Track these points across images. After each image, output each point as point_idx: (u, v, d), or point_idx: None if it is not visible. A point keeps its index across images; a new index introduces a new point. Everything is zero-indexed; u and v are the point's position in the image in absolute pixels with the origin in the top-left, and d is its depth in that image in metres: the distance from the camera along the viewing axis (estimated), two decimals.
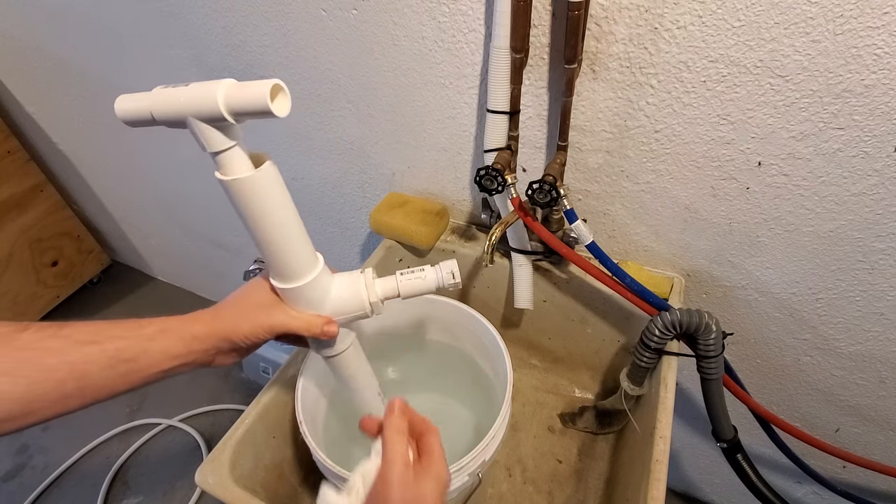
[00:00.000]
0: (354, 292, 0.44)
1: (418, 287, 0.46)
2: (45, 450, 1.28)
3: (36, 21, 0.97)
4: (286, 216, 0.39)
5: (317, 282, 0.42)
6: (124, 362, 0.36)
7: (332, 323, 0.44)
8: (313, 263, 0.42)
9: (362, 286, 0.45)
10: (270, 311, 0.42)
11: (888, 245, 0.56)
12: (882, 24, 0.43)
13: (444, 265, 0.47)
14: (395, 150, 0.77)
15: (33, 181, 1.38)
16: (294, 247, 0.41)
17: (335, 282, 0.45)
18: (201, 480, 0.51)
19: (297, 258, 0.41)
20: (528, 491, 0.69)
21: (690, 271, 0.69)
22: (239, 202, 0.37)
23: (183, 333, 0.40)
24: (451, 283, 0.46)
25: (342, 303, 0.44)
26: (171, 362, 0.39)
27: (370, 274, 0.46)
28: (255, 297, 0.43)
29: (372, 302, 0.45)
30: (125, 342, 0.37)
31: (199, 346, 0.40)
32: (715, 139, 0.55)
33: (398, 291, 0.46)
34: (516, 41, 0.53)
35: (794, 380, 0.75)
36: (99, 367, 0.35)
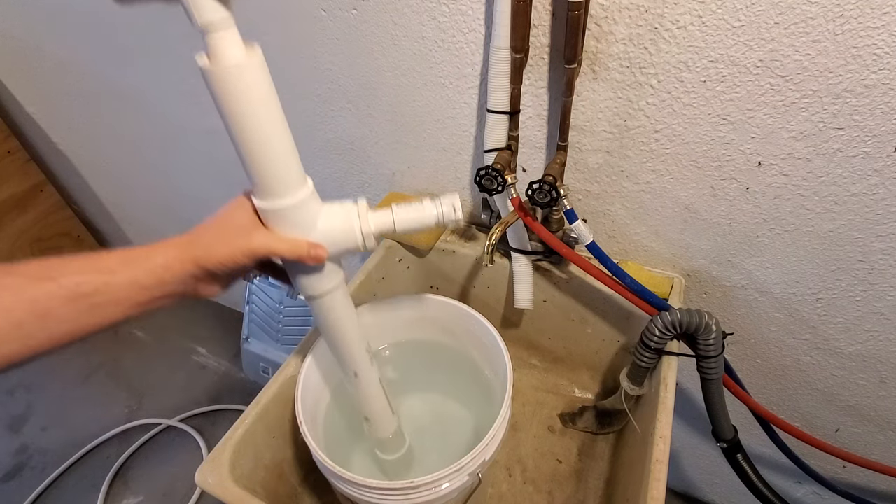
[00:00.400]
0: (346, 221, 0.41)
1: (415, 220, 0.42)
2: (45, 450, 1.28)
3: (36, 21, 0.97)
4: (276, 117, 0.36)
5: (305, 204, 0.39)
6: (85, 297, 0.34)
7: (318, 246, 0.40)
8: (301, 182, 0.39)
9: (355, 215, 0.41)
10: (251, 234, 0.39)
11: (888, 245, 0.56)
12: (882, 24, 0.43)
13: (445, 197, 0.43)
14: (395, 150, 0.77)
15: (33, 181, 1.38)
16: (282, 157, 0.37)
17: (325, 209, 0.41)
18: (201, 480, 0.51)
19: (286, 172, 0.37)
20: (528, 491, 0.69)
21: (690, 271, 0.69)
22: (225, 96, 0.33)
23: (149, 263, 0.37)
24: (451, 217, 0.42)
25: (332, 231, 0.41)
26: (142, 294, 0.36)
27: (364, 204, 0.42)
28: (235, 218, 0.39)
29: (364, 233, 0.41)
30: (83, 276, 0.34)
31: (170, 275, 0.37)
32: (715, 139, 0.55)
33: (393, 224, 0.42)
34: (516, 41, 0.53)
35: (794, 380, 0.75)
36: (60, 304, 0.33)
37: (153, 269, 0.37)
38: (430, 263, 0.79)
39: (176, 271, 0.37)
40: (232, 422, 0.55)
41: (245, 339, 1.30)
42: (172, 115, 0.99)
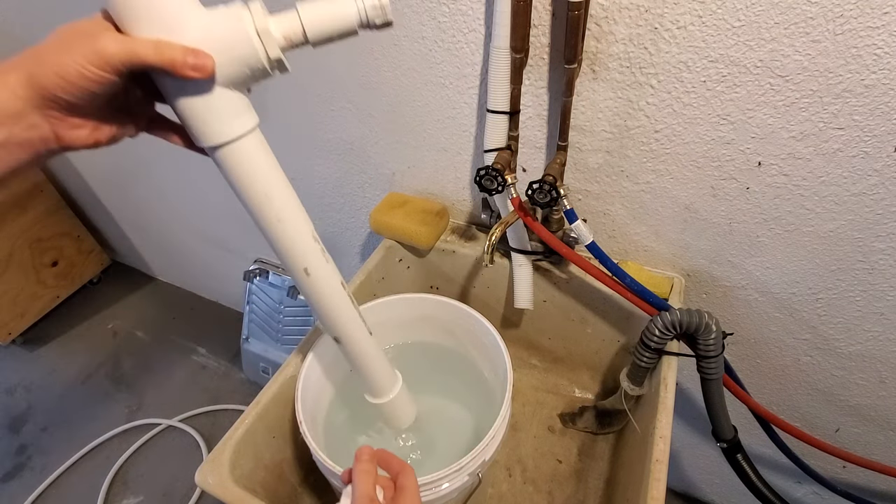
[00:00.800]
0: (232, 19, 0.30)
1: (329, 15, 0.32)
2: (45, 450, 1.28)
3: (36, 21, 0.97)
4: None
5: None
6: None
7: (199, 52, 0.29)
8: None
9: (244, 11, 0.30)
10: (101, 35, 0.28)
11: (888, 245, 0.56)
12: (882, 24, 0.43)
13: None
14: (395, 150, 0.77)
15: (33, 181, 1.38)
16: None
17: (202, 9, 0.30)
18: (201, 480, 0.51)
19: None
20: (528, 491, 0.69)
21: (690, 271, 0.69)
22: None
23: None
24: (374, 5, 0.32)
25: (214, 33, 0.30)
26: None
27: (258, 2, 0.31)
28: (81, 25, 0.30)
29: (260, 30, 0.30)
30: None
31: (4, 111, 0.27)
32: (715, 139, 0.55)
33: (300, 24, 0.32)
34: (516, 41, 0.53)
35: (794, 380, 0.75)
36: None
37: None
38: (430, 263, 0.79)
39: (2, 99, 0.27)
40: (232, 422, 0.55)
41: (245, 339, 1.30)
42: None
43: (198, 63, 0.29)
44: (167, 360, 1.48)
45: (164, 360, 1.48)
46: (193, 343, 1.52)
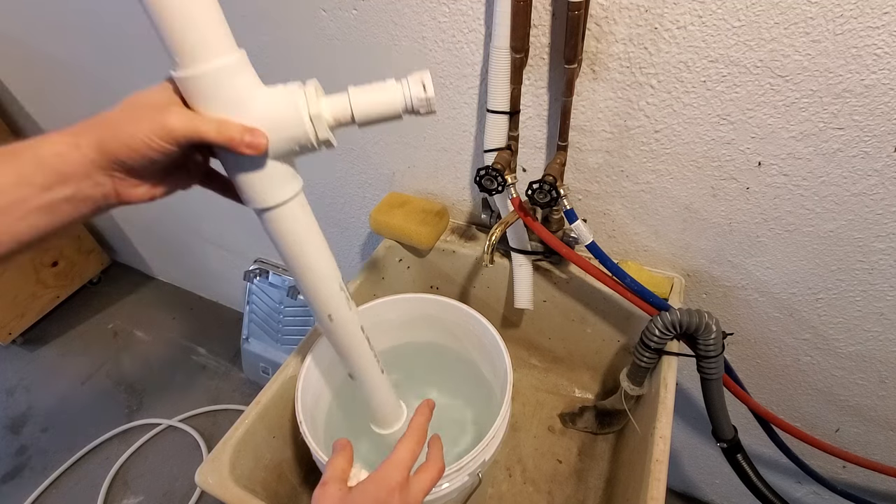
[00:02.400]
0: (288, 103, 0.33)
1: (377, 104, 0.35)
2: (45, 450, 1.28)
3: (36, 21, 0.97)
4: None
5: (233, 73, 0.31)
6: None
7: (255, 131, 0.32)
8: (230, 46, 0.31)
9: (300, 95, 0.33)
10: (168, 110, 0.30)
11: (888, 245, 0.56)
12: (882, 24, 0.43)
13: (413, 75, 0.35)
14: (395, 150, 0.77)
15: None
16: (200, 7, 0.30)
17: (263, 89, 0.33)
18: (201, 480, 0.51)
19: (205, 26, 0.30)
20: (528, 491, 0.69)
21: (690, 271, 0.69)
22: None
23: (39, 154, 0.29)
24: (420, 97, 0.34)
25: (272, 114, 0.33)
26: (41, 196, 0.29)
27: (313, 84, 0.34)
28: (149, 96, 0.31)
29: (313, 115, 0.33)
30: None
31: (69, 167, 0.29)
32: (715, 139, 0.55)
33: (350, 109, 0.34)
34: (516, 41, 0.53)
35: (794, 380, 0.75)
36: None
37: (44, 160, 0.29)
38: (430, 263, 0.79)
39: (74, 161, 0.29)
40: (232, 422, 0.55)
41: (245, 339, 1.30)
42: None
43: (253, 142, 0.32)
44: (167, 360, 1.48)
45: (164, 360, 1.48)
46: (193, 343, 1.52)
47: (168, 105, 0.31)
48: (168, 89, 0.32)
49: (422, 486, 0.39)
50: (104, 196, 0.32)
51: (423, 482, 0.39)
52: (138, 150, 0.30)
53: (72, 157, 0.29)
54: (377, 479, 0.37)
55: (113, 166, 0.31)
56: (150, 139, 0.30)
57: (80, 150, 0.30)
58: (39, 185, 0.29)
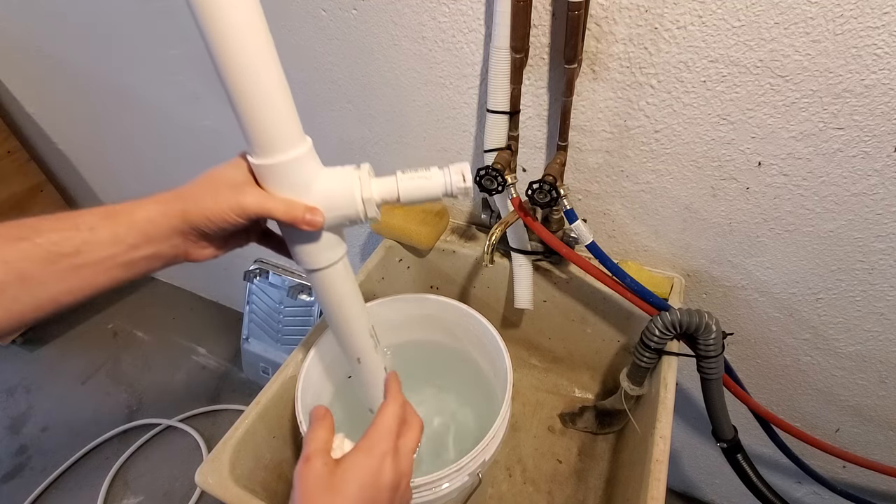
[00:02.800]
0: (345, 186, 0.38)
1: (421, 190, 0.40)
2: (45, 450, 1.28)
3: (36, 21, 0.97)
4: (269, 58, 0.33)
5: (301, 162, 0.37)
6: (65, 257, 0.32)
7: (315, 210, 0.37)
8: (299, 139, 0.37)
9: (355, 180, 0.38)
10: (243, 190, 0.36)
11: (888, 245, 0.56)
12: (882, 24, 0.43)
13: (455, 166, 0.40)
14: (395, 150, 0.77)
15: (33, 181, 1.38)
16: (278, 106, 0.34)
17: (324, 172, 0.39)
18: (201, 480, 0.51)
19: (282, 125, 0.35)
20: (528, 491, 0.69)
21: (690, 271, 0.69)
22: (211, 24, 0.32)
23: (132, 218, 0.34)
24: (460, 187, 0.40)
25: (330, 195, 0.38)
26: (129, 253, 0.34)
27: (366, 169, 0.40)
28: (228, 175, 0.37)
29: (365, 199, 0.38)
30: (59, 234, 0.32)
31: (155, 231, 0.35)
32: (715, 139, 0.55)
33: (397, 193, 0.40)
34: (516, 41, 0.53)
35: (794, 380, 0.75)
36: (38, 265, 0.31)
37: (138, 224, 0.34)
38: (430, 263, 0.79)
39: (161, 226, 0.35)
40: (232, 422, 0.55)
41: (245, 339, 1.30)
42: (173, 114, 0.99)
43: (313, 220, 0.37)
44: (167, 360, 1.48)
45: (164, 360, 1.48)
46: (193, 343, 1.52)
47: (243, 184, 0.36)
48: (243, 167, 0.37)
49: (409, 448, 0.40)
50: (176, 255, 0.37)
51: (409, 443, 0.40)
52: (216, 221, 0.35)
53: (160, 223, 0.35)
54: (367, 449, 0.37)
55: (191, 232, 0.36)
56: (227, 214, 0.35)
57: (167, 217, 0.35)
58: (129, 244, 0.34)
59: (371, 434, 0.38)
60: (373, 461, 0.36)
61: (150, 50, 0.87)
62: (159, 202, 0.35)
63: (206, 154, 1.04)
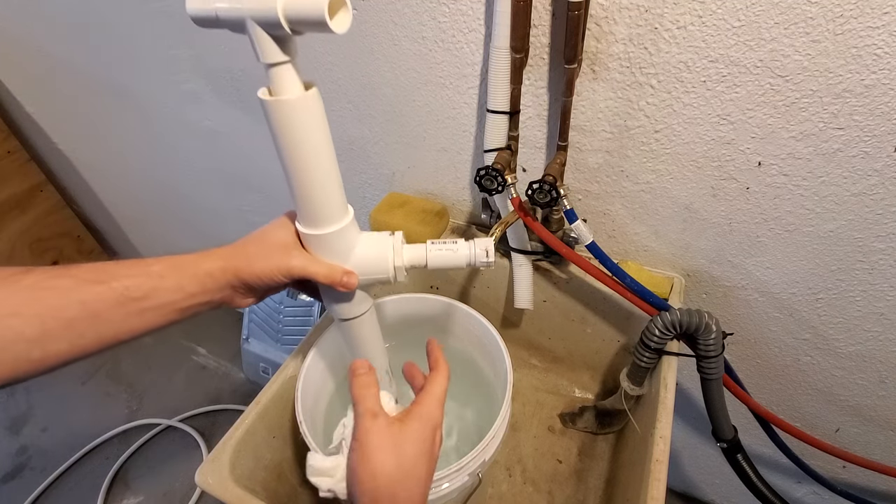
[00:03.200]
0: (380, 253, 0.43)
1: (447, 260, 0.44)
2: (45, 450, 1.28)
3: (36, 21, 0.97)
4: (326, 152, 0.37)
5: (345, 232, 0.41)
6: (135, 301, 0.36)
7: (351, 274, 0.42)
8: (344, 212, 0.41)
9: (389, 248, 0.43)
10: (290, 253, 0.41)
11: (888, 245, 0.56)
12: (882, 24, 0.43)
13: (479, 241, 0.44)
14: (395, 150, 0.77)
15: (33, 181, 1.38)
16: (329, 189, 0.39)
17: (362, 238, 0.43)
18: (201, 480, 0.51)
19: (331, 202, 0.39)
20: (528, 491, 0.69)
21: (690, 271, 0.69)
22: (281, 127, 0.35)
23: (196, 270, 0.39)
24: (483, 261, 0.44)
25: (366, 261, 0.43)
26: (187, 300, 0.38)
27: (399, 237, 0.44)
28: (277, 237, 0.42)
29: (396, 266, 0.43)
30: (133, 280, 0.36)
31: (212, 283, 0.39)
32: (715, 139, 0.55)
33: (426, 261, 0.44)
34: (516, 41, 0.53)
35: (794, 380, 0.75)
36: (109, 306, 0.35)
37: (199, 276, 0.38)
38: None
39: (218, 280, 0.39)
40: (232, 422, 0.55)
41: (245, 339, 1.30)
42: (173, 114, 0.99)
43: (349, 282, 0.42)
44: (167, 360, 1.48)
45: (164, 360, 1.48)
46: (193, 343, 1.52)
47: (290, 247, 0.41)
48: (290, 229, 0.42)
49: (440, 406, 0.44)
50: (222, 301, 0.41)
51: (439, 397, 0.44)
52: (265, 280, 0.40)
53: (218, 277, 0.39)
54: (422, 418, 0.41)
55: (240, 286, 0.40)
56: (276, 275, 0.40)
57: (224, 273, 0.39)
58: (188, 293, 0.38)
59: (427, 402, 0.42)
60: (427, 431, 0.40)
61: (150, 50, 0.87)
62: (220, 258, 0.40)
63: (205, 153, 1.04)
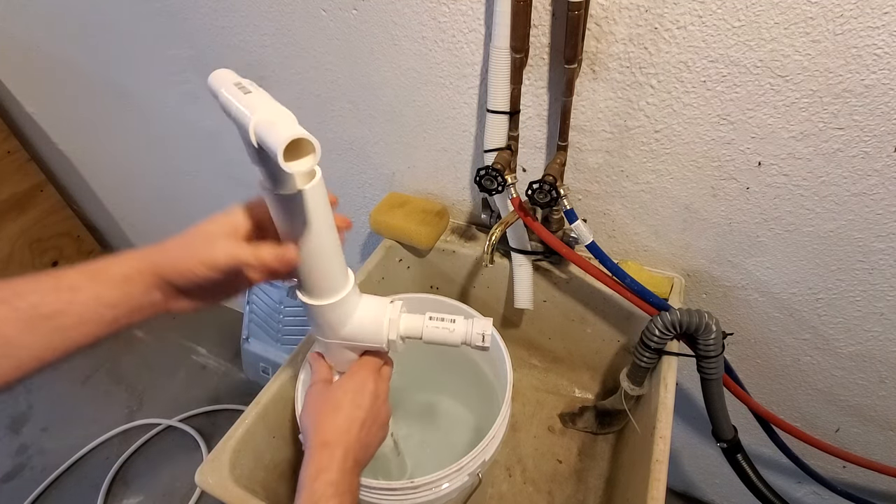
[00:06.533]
0: (376, 322, 0.43)
1: (443, 337, 0.45)
2: (45, 450, 1.28)
3: (36, 21, 0.97)
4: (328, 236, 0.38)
5: (346, 299, 0.42)
6: (46, 319, 0.31)
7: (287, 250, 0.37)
8: (346, 282, 0.42)
9: (386, 319, 0.43)
10: (215, 243, 0.36)
11: (888, 245, 0.56)
12: (882, 24, 0.43)
13: (478, 323, 0.45)
14: (395, 150, 0.77)
15: (33, 181, 1.38)
16: (330, 267, 0.39)
17: (361, 304, 0.44)
18: (201, 480, 0.50)
19: (334, 278, 0.40)
20: (528, 491, 0.69)
21: (690, 271, 0.69)
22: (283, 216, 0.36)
23: (110, 274, 0.34)
24: (478, 344, 0.44)
25: (361, 329, 0.43)
26: (111, 311, 0.34)
27: (398, 307, 0.44)
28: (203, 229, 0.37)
29: (390, 340, 0.43)
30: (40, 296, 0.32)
31: (132, 288, 0.35)
32: (715, 139, 0.55)
33: (421, 335, 0.45)
34: (516, 41, 0.53)
35: (794, 380, 0.75)
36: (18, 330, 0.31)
37: (115, 281, 0.34)
38: (430, 263, 0.79)
39: (137, 283, 0.35)
40: (232, 422, 0.55)
41: (245, 339, 1.30)
42: (173, 114, 0.99)
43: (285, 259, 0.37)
44: (167, 360, 1.48)
45: (164, 360, 1.48)
46: (193, 343, 1.52)
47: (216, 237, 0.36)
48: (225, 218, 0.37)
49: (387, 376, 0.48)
50: (156, 309, 0.37)
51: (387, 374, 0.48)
52: (186, 276, 0.35)
53: (135, 279, 0.35)
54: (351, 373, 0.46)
55: (166, 287, 0.36)
56: (197, 268, 0.35)
57: (141, 274, 0.35)
58: (111, 304, 0.34)
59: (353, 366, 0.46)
60: (356, 378, 0.45)
61: (150, 50, 0.87)
62: (135, 258, 0.36)
63: (205, 154, 1.04)
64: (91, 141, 1.23)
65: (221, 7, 0.72)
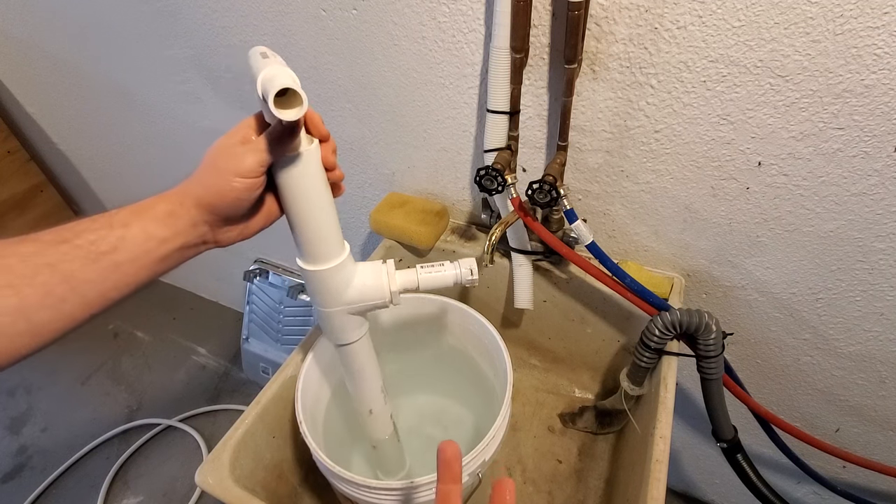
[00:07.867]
0: (377, 281, 0.46)
1: (436, 281, 0.48)
2: (45, 450, 1.28)
3: (36, 21, 0.97)
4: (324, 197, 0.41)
5: (342, 266, 0.44)
6: (105, 254, 0.33)
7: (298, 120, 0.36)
8: (340, 249, 0.44)
9: (384, 275, 0.46)
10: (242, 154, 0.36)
11: (888, 245, 0.56)
12: (882, 24, 0.43)
13: (464, 262, 0.49)
14: (395, 150, 0.77)
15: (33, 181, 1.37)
16: (328, 232, 0.42)
17: (359, 269, 0.46)
18: (201, 480, 0.51)
19: (330, 243, 0.42)
20: (528, 491, 0.69)
21: (690, 271, 0.69)
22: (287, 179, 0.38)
23: (158, 212, 0.36)
24: (468, 279, 0.48)
25: (365, 290, 0.46)
26: (162, 246, 0.35)
27: (391, 265, 0.47)
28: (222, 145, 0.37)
29: (392, 291, 0.46)
30: (96, 234, 0.33)
31: (179, 223, 0.36)
32: (715, 139, 0.55)
33: (417, 284, 0.47)
34: (516, 41, 0.53)
35: (794, 380, 0.75)
36: (81, 264, 0.32)
37: (161, 217, 0.35)
38: None
39: (182, 217, 0.36)
40: (232, 422, 0.55)
41: (245, 339, 1.30)
42: (173, 114, 0.99)
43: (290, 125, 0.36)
44: (167, 360, 1.48)
45: (164, 360, 1.48)
46: (193, 343, 1.52)
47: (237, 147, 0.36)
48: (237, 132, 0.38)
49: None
50: (205, 243, 0.38)
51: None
52: (226, 195, 0.36)
53: (180, 214, 0.36)
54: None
55: (211, 216, 0.37)
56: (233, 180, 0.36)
57: (185, 207, 0.36)
58: (159, 238, 0.35)
59: None
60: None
61: (151, 50, 0.87)
62: (175, 194, 0.37)
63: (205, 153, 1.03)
64: (91, 141, 1.23)
65: (221, 7, 0.72)
